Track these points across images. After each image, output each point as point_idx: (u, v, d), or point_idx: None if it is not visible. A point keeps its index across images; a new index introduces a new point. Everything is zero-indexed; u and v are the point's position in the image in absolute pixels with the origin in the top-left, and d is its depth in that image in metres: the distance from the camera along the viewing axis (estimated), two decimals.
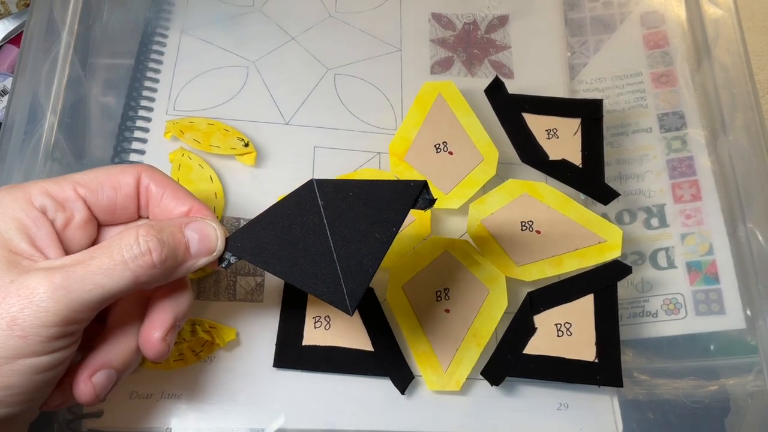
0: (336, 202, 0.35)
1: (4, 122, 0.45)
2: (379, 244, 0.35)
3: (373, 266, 0.34)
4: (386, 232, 0.35)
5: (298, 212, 0.35)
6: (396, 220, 0.35)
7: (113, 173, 0.35)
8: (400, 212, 0.35)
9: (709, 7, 0.54)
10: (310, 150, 0.49)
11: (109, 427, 0.40)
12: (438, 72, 0.54)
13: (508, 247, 0.46)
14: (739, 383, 0.45)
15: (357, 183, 0.36)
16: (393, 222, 0.35)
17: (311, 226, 0.35)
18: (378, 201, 0.35)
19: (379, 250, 0.35)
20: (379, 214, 0.35)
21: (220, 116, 0.49)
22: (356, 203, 0.35)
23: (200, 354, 0.42)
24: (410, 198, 0.36)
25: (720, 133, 0.51)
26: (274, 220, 0.36)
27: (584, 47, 0.56)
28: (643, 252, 0.49)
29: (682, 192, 0.50)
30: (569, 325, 0.44)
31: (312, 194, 0.36)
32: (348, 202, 0.35)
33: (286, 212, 0.36)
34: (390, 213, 0.35)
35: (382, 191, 0.36)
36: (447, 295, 0.44)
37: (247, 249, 0.36)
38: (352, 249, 0.35)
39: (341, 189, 0.36)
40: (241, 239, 0.36)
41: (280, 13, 0.54)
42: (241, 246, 0.36)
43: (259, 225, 0.36)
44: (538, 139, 0.49)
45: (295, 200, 0.36)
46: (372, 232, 0.35)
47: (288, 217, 0.35)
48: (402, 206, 0.36)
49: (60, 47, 0.49)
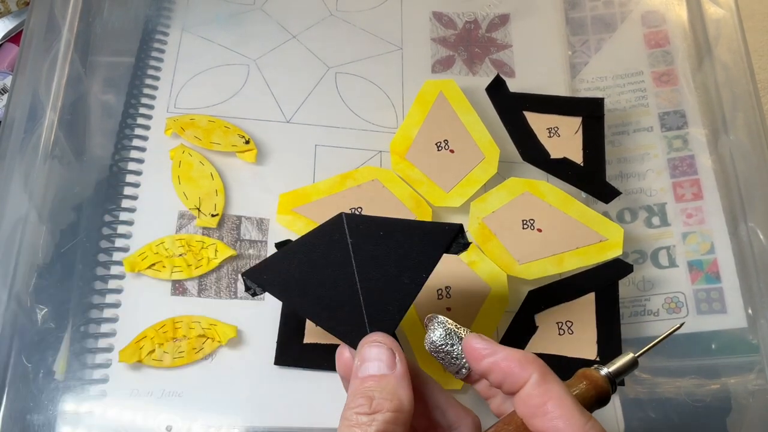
0: (365, 240, 0.34)
1: (4, 120, 0.45)
2: (407, 290, 0.33)
3: (400, 313, 0.33)
4: (416, 278, 0.33)
5: (326, 248, 0.34)
6: (427, 265, 0.34)
7: None
8: (432, 257, 0.34)
9: (710, 7, 0.54)
10: (311, 148, 0.49)
11: (111, 425, 0.40)
12: (439, 71, 0.54)
13: (510, 245, 0.45)
14: (741, 382, 0.45)
15: (388, 221, 0.35)
16: (424, 267, 0.34)
17: (339, 264, 0.34)
18: (409, 243, 0.34)
19: (408, 296, 0.34)
20: (409, 256, 0.34)
21: (220, 114, 0.49)
22: (386, 243, 0.34)
23: (201, 352, 0.42)
24: (444, 242, 0.34)
25: (721, 132, 0.51)
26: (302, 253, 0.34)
27: (585, 46, 0.56)
28: (644, 251, 0.49)
29: (684, 191, 0.50)
30: (570, 323, 0.44)
31: (341, 230, 0.34)
32: (377, 241, 0.34)
33: (314, 247, 0.34)
34: (422, 257, 0.34)
35: (415, 232, 0.34)
36: (448, 293, 0.44)
37: (274, 282, 0.34)
38: (380, 293, 0.33)
39: (371, 226, 0.34)
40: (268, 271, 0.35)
41: (281, 11, 0.54)
42: (267, 278, 0.34)
43: (287, 257, 0.35)
44: (540, 137, 0.49)
45: (324, 235, 0.34)
46: (401, 276, 0.34)
47: (315, 253, 0.34)
48: (435, 250, 0.34)
49: (60, 45, 0.48)
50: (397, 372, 0.31)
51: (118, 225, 0.45)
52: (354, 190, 0.46)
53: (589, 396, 0.31)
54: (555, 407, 0.29)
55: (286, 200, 0.46)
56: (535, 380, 0.30)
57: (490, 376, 0.32)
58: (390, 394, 0.30)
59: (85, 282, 0.43)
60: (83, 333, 0.42)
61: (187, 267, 0.43)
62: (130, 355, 0.41)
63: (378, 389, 0.31)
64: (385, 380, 0.31)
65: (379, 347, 0.32)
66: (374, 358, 0.32)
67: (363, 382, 0.31)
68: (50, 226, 0.44)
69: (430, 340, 0.33)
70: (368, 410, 0.30)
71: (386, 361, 0.31)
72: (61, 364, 0.41)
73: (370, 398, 0.30)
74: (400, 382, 0.31)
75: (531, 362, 0.31)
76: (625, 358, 0.33)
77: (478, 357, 0.32)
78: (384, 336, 0.33)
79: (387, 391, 0.31)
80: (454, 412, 0.33)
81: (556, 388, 0.30)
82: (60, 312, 0.42)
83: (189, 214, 0.45)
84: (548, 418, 0.29)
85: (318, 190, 0.46)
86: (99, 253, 0.44)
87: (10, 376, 0.40)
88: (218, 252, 0.44)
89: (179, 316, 0.42)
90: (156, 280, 0.43)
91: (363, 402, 0.30)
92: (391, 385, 0.31)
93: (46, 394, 0.40)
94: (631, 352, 0.33)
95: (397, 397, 0.30)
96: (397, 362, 0.31)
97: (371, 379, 0.31)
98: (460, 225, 0.35)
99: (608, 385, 0.32)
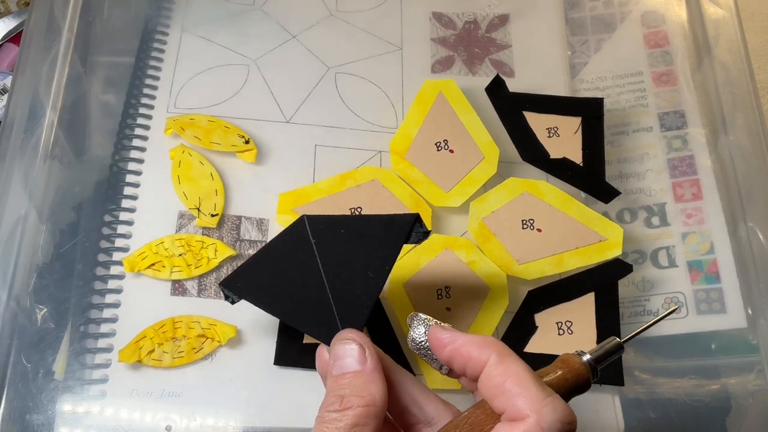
0: (328, 239, 0.35)
1: (4, 120, 0.45)
2: (373, 283, 0.35)
3: (368, 307, 0.34)
4: (380, 272, 0.34)
5: (293, 251, 0.35)
6: (389, 257, 0.35)
7: None
8: (393, 248, 0.35)
9: (709, 7, 0.54)
10: (311, 148, 0.49)
11: (110, 425, 0.40)
12: (439, 71, 0.54)
13: (509, 245, 0.45)
14: (740, 382, 0.45)
15: (347, 219, 0.36)
16: (386, 259, 0.35)
17: (305, 265, 0.35)
18: (370, 237, 0.35)
19: (373, 289, 0.35)
20: (371, 251, 0.35)
21: (220, 114, 0.49)
22: (348, 240, 0.35)
23: (201, 352, 0.42)
24: (403, 232, 0.36)
25: (720, 132, 0.51)
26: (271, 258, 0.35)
27: (585, 46, 0.56)
28: (643, 251, 0.49)
29: (683, 191, 0.50)
30: (570, 323, 0.44)
31: (303, 231, 0.35)
32: (340, 239, 0.35)
33: (280, 251, 0.35)
34: (383, 249, 0.35)
35: (374, 226, 0.36)
36: (448, 293, 0.44)
37: (247, 289, 0.35)
38: (347, 289, 0.34)
39: (333, 225, 0.35)
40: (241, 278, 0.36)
41: (281, 11, 0.54)
42: (241, 286, 0.36)
43: (258, 264, 0.36)
44: (539, 137, 0.49)
45: (288, 238, 0.35)
46: (365, 270, 0.35)
47: (282, 256, 0.35)
48: (395, 242, 0.35)
49: (60, 45, 0.49)
50: (368, 367, 0.32)
51: (118, 225, 0.45)
52: (354, 190, 0.47)
53: (564, 381, 0.31)
54: (513, 385, 0.29)
55: (286, 200, 0.46)
56: (493, 360, 0.30)
57: (453, 363, 0.32)
58: (360, 390, 0.31)
59: (85, 282, 0.43)
60: (83, 333, 0.42)
61: (186, 267, 0.43)
62: (130, 355, 0.41)
63: (349, 386, 0.31)
64: (356, 377, 0.31)
65: (349, 344, 0.33)
66: (345, 355, 0.32)
67: (336, 380, 0.32)
68: (50, 226, 0.44)
69: (411, 338, 0.34)
70: (339, 407, 0.30)
71: (356, 357, 0.32)
72: (60, 364, 0.41)
73: (341, 396, 0.31)
74: (371, 377, 0.31)
75: (489, 344, 0.31)
76: (609, 343, 0.33)
77: (441, 346, 0.32)
78: (354, 332, 0.33)
79: (357, 387, 0.31)
80: (433, 406, 0.33)
81: (514, 366, 0.30)
82: (59, 312, 0.42)
83: (189, 214, 0.45)
84: (507, 396, 0.29)
85: (318, 190, 0.46)
86: (99, 253, 0.44)
87: (10, 376, 0.40)
88: (218, 252, 0.44)
89: (179, 315, 0.42)
90: (156, 280, 0.43)
91: (334, 400, 0.31)
92: (361, 381, 0.31)
93: (46, 394, 0.40)
94: (617, 337, 0.33)
95: (368, 392, 0.31)
96: (367, 357, 0.32)
97: (343, 377, 0.32)
98: (416, 214, 0.36)
99: (587, 371, 0.31)
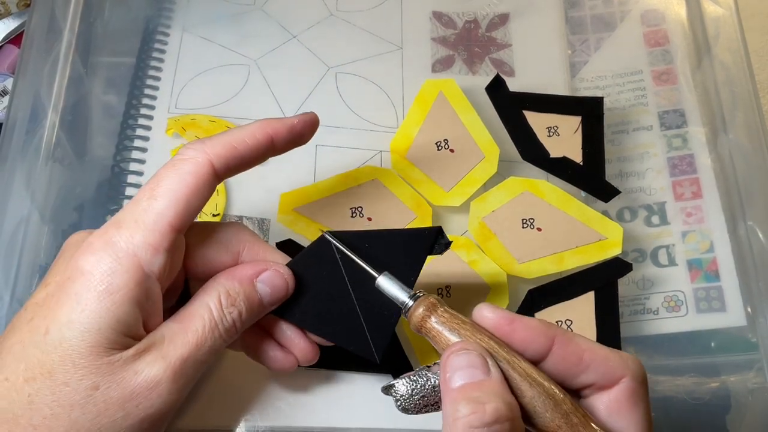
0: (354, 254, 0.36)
1: (5, 122, 0.46)
2: None
3: (395, 317, 0.36)
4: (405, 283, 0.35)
5: (319, 269, 0.37)
6: (414, 269, 0.36)
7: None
8: (417, 260, 0.36)
9: (709, 6, 0.54)
10: (311, 148, 0.49)
11: None
12: (439, 70, 0.54)
13: (509, 244, 0.46)
14: (740, 380, 0.45)
15: (370, 234, 0.37)
16: (411, 271, 0.36)
17: (333, 281, 0.36)
18: (394, 251, 0.36)
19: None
20: (396, 263, 0.36)
21: (221, 114, 0.49)
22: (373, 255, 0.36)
23: None
24: (427, 245, 0.37)
25: (720, 131, 0.51)
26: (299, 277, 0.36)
27: (585, 45, 0.56)
28: (643, 249, 0.49)
29: (683, 190, 0.51)
30: (570, 322, 0.44)
31: (329, 249, 0.36)
32: (365, 253, 0.36)
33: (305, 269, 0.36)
34: (407, 262, 0.36)
35: (397, 240, 0.37)
36: (448, 292, 0.44)
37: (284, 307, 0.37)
38: (374, 301, 0.36)
39: (355, 241, 0.36)
40: None
41: (282, 11, 0.54)
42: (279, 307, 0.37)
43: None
44: (539, 136, 0.49)
45: (313, 256, 0.37)
46: None
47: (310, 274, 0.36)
48: (419, 254, 0.36)
49: (61, 46, 0.49)
50: (494, 375, 0.30)
51: None
52: (354, 189, 0.47)
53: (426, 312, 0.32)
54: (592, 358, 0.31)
55: (287, 200, 0.46)
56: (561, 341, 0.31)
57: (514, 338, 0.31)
58: (496, 397, 0.29)
59: None
60: None
61: None
62: None
63: (483, 393, 0.29)
64: (486, 385, 0.29)
65: (468, 354, 0.30)
66: (466, 366, 0.30)
67: (461, 391, 0.29)
68: (52, 227, 0.45)
69: (398, 398, 0.31)
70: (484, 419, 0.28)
71: (480, 367, 0.30)
72: None
73: (482, 404, 0.28)
74: (501, 385, 0.29)
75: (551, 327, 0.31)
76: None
77: (505, 322, 0.31)
78: (468, 343, 0.31)
79: (493, 393, 0.29)
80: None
81: (582, 342, 0.31)
82: None
83: None
84: (594, 367, 0.31)
85: (319, 189, 0.47)
86: None
87: None
88: None
89: None
90: None
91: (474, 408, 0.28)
92: (495, 388, 0.29)
93: None
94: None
95: (502, 400, 0.28)
96: (490, 366, 0.30)
97: (470, 386, 0.29)
98: (439, 227, 0.37)
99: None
